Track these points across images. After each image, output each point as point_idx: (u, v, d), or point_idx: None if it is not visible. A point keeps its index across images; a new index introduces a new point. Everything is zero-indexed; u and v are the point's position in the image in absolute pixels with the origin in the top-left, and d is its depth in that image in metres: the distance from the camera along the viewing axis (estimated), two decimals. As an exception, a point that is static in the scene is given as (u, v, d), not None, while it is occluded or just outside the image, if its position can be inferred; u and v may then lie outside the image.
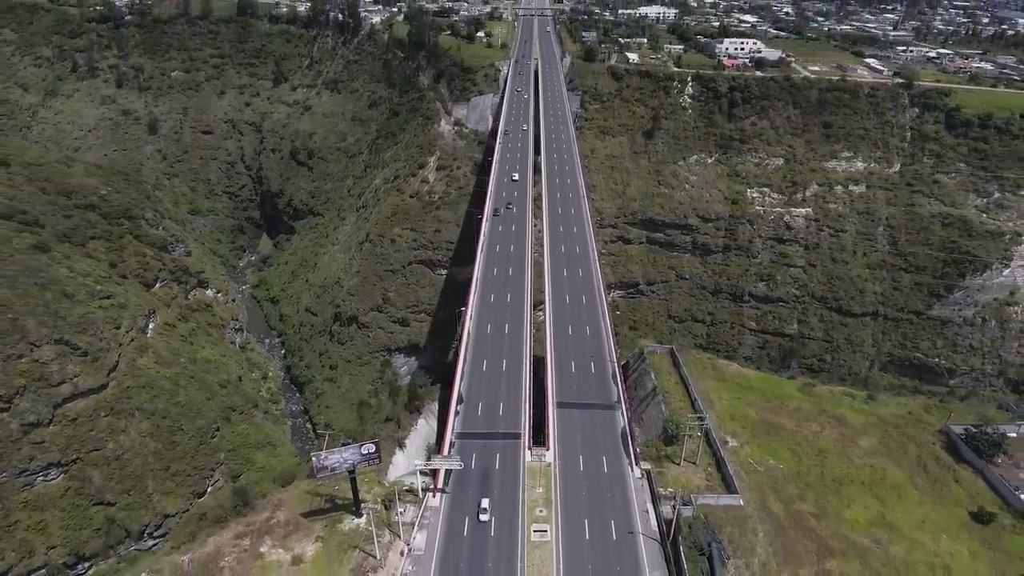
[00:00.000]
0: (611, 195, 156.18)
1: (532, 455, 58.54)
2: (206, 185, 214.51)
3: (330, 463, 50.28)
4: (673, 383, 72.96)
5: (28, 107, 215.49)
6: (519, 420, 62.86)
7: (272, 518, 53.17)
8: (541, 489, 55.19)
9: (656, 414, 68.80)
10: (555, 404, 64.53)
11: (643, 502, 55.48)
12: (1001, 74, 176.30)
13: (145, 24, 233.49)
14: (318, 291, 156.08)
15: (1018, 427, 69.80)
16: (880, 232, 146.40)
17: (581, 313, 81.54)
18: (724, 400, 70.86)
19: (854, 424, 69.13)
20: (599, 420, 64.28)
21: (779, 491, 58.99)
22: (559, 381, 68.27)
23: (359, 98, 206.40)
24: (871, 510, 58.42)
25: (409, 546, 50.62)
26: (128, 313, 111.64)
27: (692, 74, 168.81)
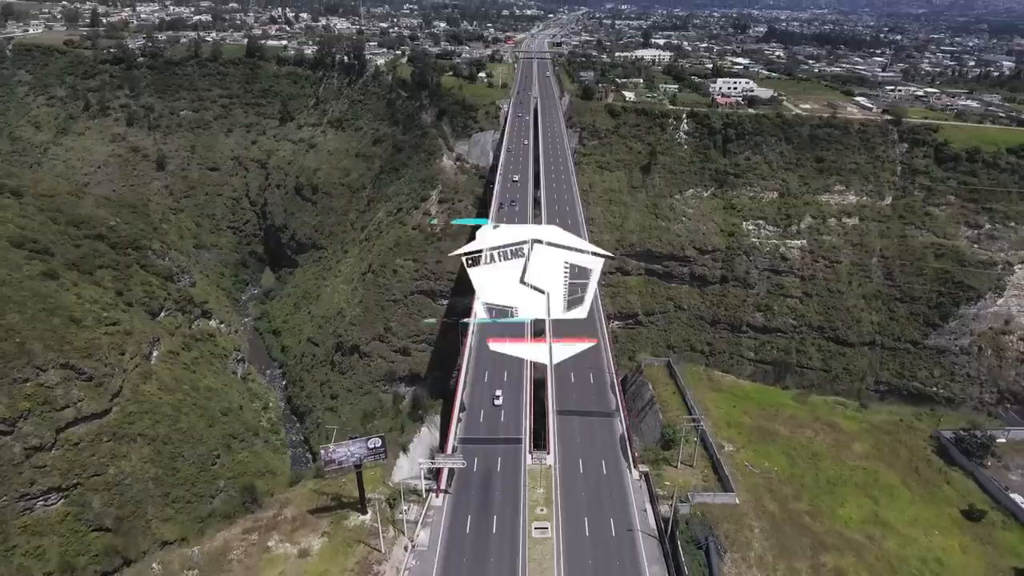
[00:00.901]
0: (609, 228, 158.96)
1: (533, 458, 60.94)
2: (211, 220, 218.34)
3: (338, 456, 52.20)
4: (670, 393, 74.67)
5: (40, 144, 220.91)
6: (520, 427, 64.99)
7: (279, 515, 54.57)
8: (542, 490, 57.09)
9: (654, 423, 70.29)
10: (555, 412, 66.26)
11: (641, 502, 57.25)
12: (987, 111, 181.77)
13: (157, 65, 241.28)
14: (320, 321, 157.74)
15: (1006, 433, 72.11)
16: (874, 263, 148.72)
17: (581, 329, 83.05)
18: (720, 408, 72.43)
19: (847, 430, 70.72)
20: (598, 427, 66.09)
21: (774, 491, 60.29)
22: (559, 391, 70.50)
23: (363, 136, 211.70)
24: (864, 509, 59.79)
25: (413, 542, 52.13)
26: (133, 340, 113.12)
27: (687, 111, 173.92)
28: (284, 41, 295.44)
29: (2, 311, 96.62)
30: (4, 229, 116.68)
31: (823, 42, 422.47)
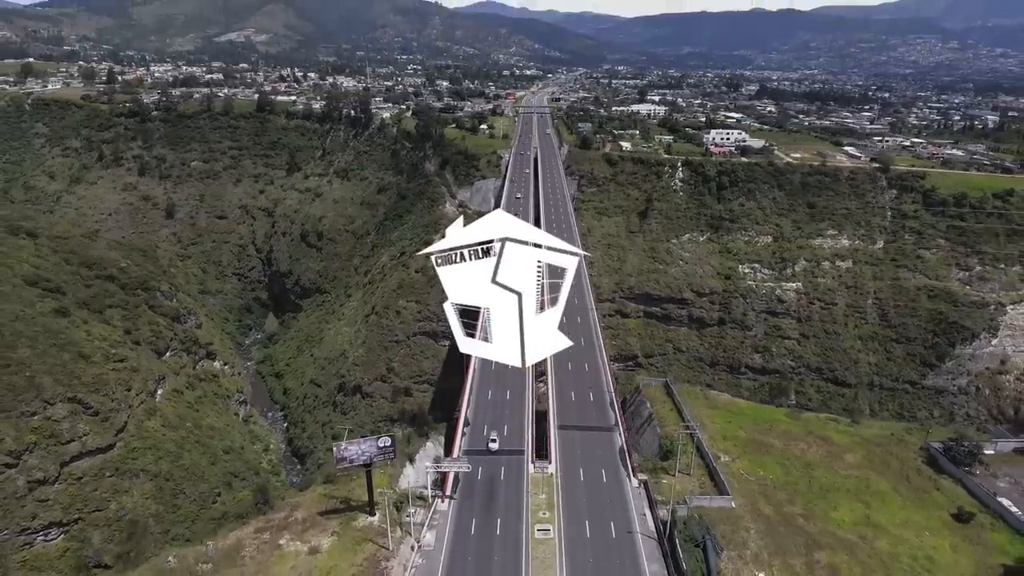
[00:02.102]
0: (608, 271, 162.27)
1: (535, 467, 62.46)
2: (217, 267, 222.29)
3: (349, 454, 53.68)
4: (668, 410, 76.69)
5: (53, 193, 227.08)
6: (522, 439, 66.85)
7: (290, 517, 55.97)
8: (544, 496, 58.59)
9: (652, 438, 72.03)
10: (556, 426, 68.06)
11: (641, 507, 58.85)
12: (972, 159, 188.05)
13: (170, 119, 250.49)
14: (323, 363, 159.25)
15: (994, 444, 74.28)
16: (869, 305, 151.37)
17: (580, 352, 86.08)
18: (716, 424, 74.16)
19: (839, 443, 72.45)
20: (598, 440, 68.05)
21: (769, 496, 61.69)
22: (560, 408, 72.53)
23: (368, 185, 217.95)
24: (857, 512, 61.21)
25: (419, 542, 53.27)
26: (139, 377, 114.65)
27: (682, 160, 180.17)
28: (293, 97, 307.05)
29: (15, 345, 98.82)
30: (19, 268, 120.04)
31: (813, 99, 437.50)
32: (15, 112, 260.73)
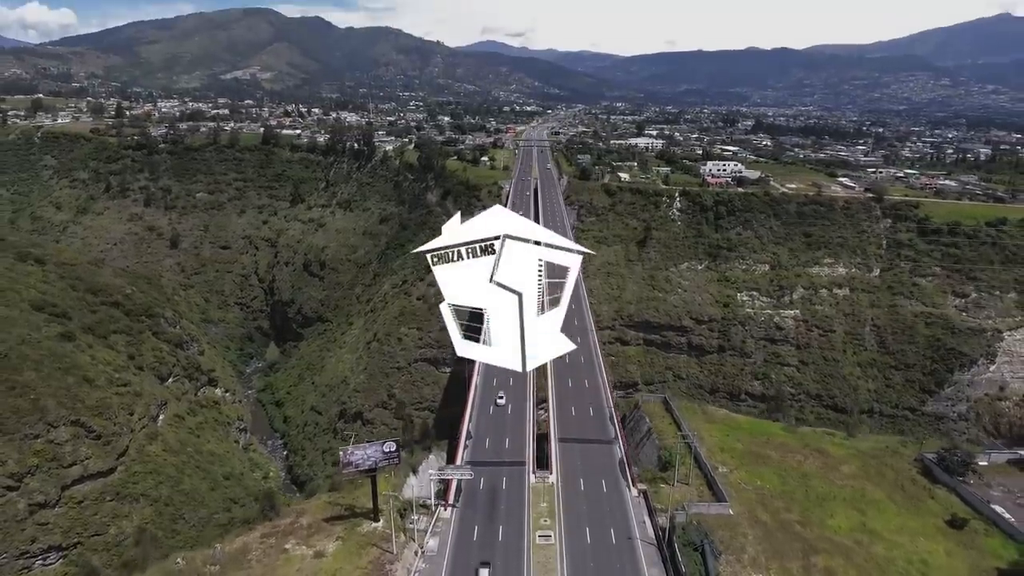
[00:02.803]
0: (608, 299, 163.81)
1: (536, 477, 63.15)
2: (219, 296, 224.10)
3: (355, 459, 54.34)
4: (666, 424, 77.87)
5: (59, 223, 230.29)
6: (524, 452, 67.66)
7: (296, 523, 56.80)
8: (545, 504, 59.49)
9: (651, 451, 72.99)
10: (557, 439, 68.98)
11: (640, 515, 59.78)
12: (964, 189, 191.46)
13: (177, 151, 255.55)
14: (324, 390, 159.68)
15: (988, 455, 75.40)
16: (867, 332, 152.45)
17: (580, 370, 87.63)
18: (714, 437, 75.23)
19: (835, 455, 73.53)
20: (598, 452, 69.28)
21: (766, 504, 62.42)
22: (560, 423, 73.67)
23: (371, 215, 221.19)
24: (852, 519, 62.13)
25: (423, 548, 53.82)
26: (142, 401, 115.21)
27: (679, 190, 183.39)
28: (298, 130, 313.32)
29: (20, 369, 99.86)
30: (27, 293, 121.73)
31: (808, 133, 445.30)
32: (24, 145, 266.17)
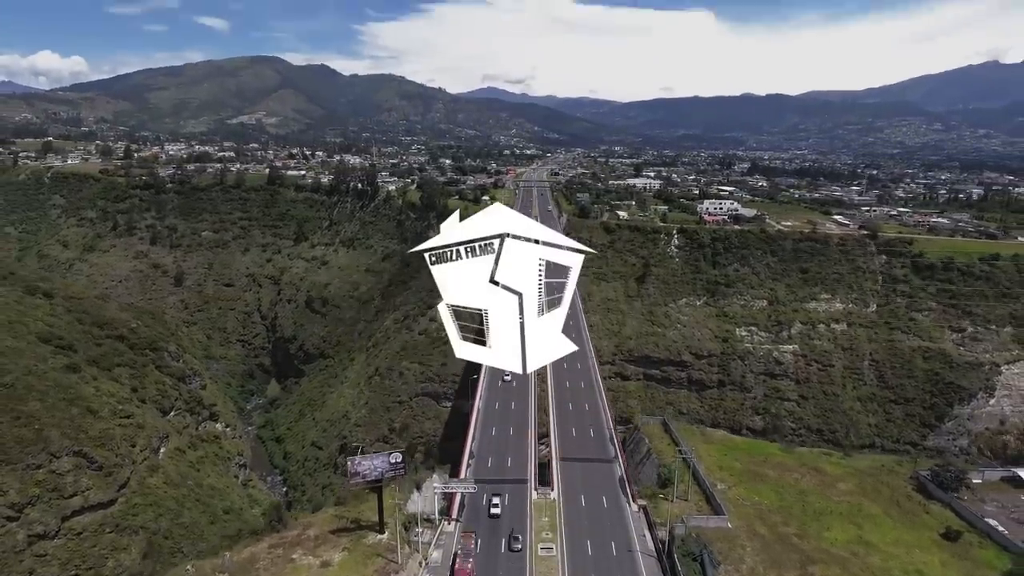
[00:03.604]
0: (608, 334, 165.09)
1: (538, 493, 63.78)
2: (222, 333, 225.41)
3: (362, 469, 54.94)
4: (665, 445, 78.80)
5: (65, 260, 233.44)
6: (526, 470, 68.23)
7: (303, 534, 57.39)
8: (547, 518, 60.23)
9: (651, 470, 73.70)
10: (559, 458, 69.68)
11: (640, 529, 60.51)
12: (957, 227, 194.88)
13: (184, 191, 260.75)
14: (325, 425, 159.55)
15: (982, 473, 76.41)
16: (866, 366, 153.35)
17: (580, 395, 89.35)
18: (712, 456, 75.95)
19: (832, 474, 74.45)
20: (598, 470, 70.12)
21: (764, 518, 62.81)
22: (561, 443, 74.50)
23: (373, 253, 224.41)
24: (849, 533, 62.62)
25: (427, 559, 54.13)
26: (144, 433, 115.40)
27: (677, 228, 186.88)
28: (303, 171, 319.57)
29: (26, 399, 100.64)
30: (34, 326, 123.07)
31: (804, 175, 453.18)
32: (34, 185, 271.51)
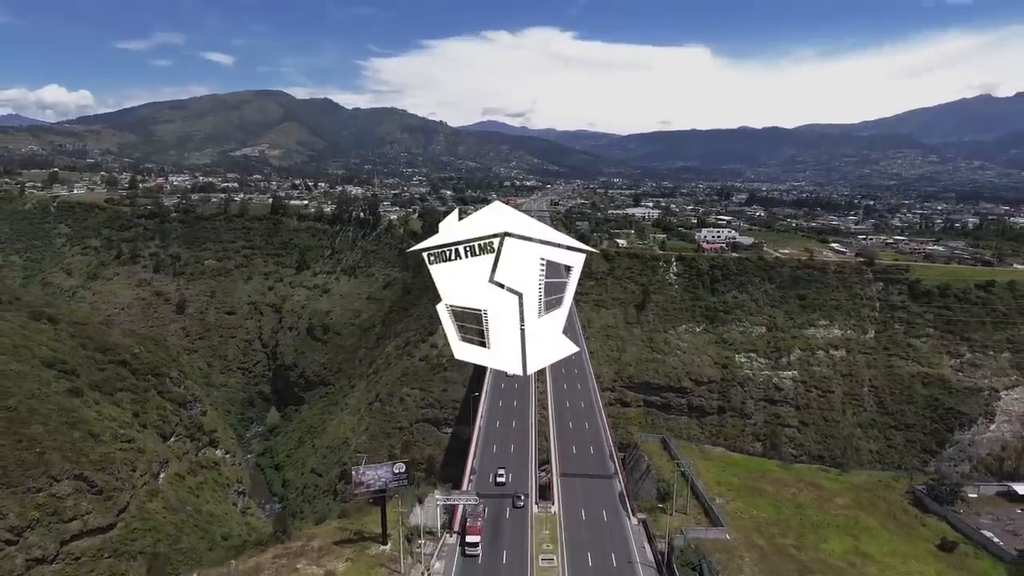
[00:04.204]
0: (608, 361, 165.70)
1: (539, 507, 64.42)
2: (223, 361, 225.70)
3: (366, 479, 55.57)
4: (664, 462, 79.58)
5: (69, 288, 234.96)
6: (526, 484, 68.49)
7: (307, 545, 58.11)
8: (547, 531, 61.08)
9: (650, 487, 74.17)
10: (559, 474, 70.26)
11: (640, 542, 61.34)
12: (953, 254, 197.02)
13: (188, 220, 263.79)
14: (324, 452, 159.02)
15: (977, 488, 77.20)
16: (866, 392, 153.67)
17: (580, 415, 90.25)
18: (711, 472, 76.57)
19: (829, 488, 75.15)
20: (598, 486, 71.16)
21: (762, 531, 63.21)
22: (562, 459, 75.63)
23: (374, 281, 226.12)
24: (846, 544, 63.21)
25: (429, 570, 54.78)
26: (144, 458, 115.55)
27: (675, 255, 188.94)
28: (305, 201, 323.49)
29: (29, 422, 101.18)
30: (39, 350, 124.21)
31: (801, 205, 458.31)
32: (40, 214, 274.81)
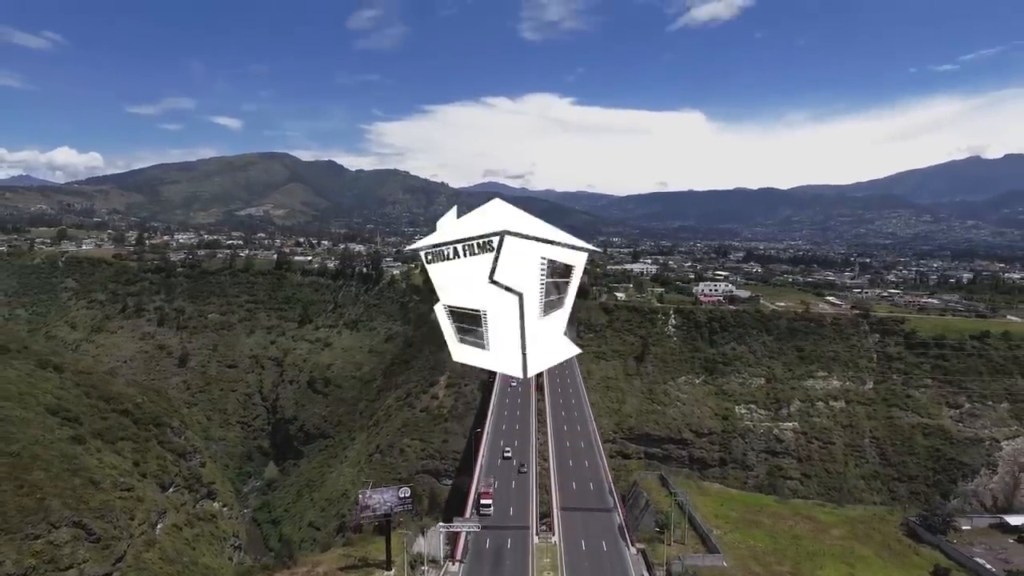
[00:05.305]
0: (608, 412, 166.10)
1: (539, 538, 64.44)
2: (222, 415, 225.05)
3: (372, 503, 56.08)
4: (663, 497, 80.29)
5: (72, 342, 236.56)
6: (527, 518, 69.19)
7: (312, 572, 59.27)
8: (548, 560, 61.98)
9: (649, 521, 74.14)
10: (559, 507, 70.85)
11: (639, 570, 61.57)
12: (947, 306, 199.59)
13: (193, 275, 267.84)
14: (323, 504, 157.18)
15: (971, 519, 77.48)
16: (867, 443, 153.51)
17: (580, 454, 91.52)
18: (709, 507, 76.87)
19: (825, 521, 75.09)
20: (598, 518, 72.27)
21: (759, 559, 63.62)
22: (562, 494, 76.15)
23: (376, 334, 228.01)
24: (841, 572, 64.59)
25: None
26: (143, 507, 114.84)
27: (674, 308, 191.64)
28: (309, 256, 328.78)
29: (31, 468, 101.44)
30: (43, 398, 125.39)
31: (798, 263, 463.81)
32: (48, 269, 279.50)
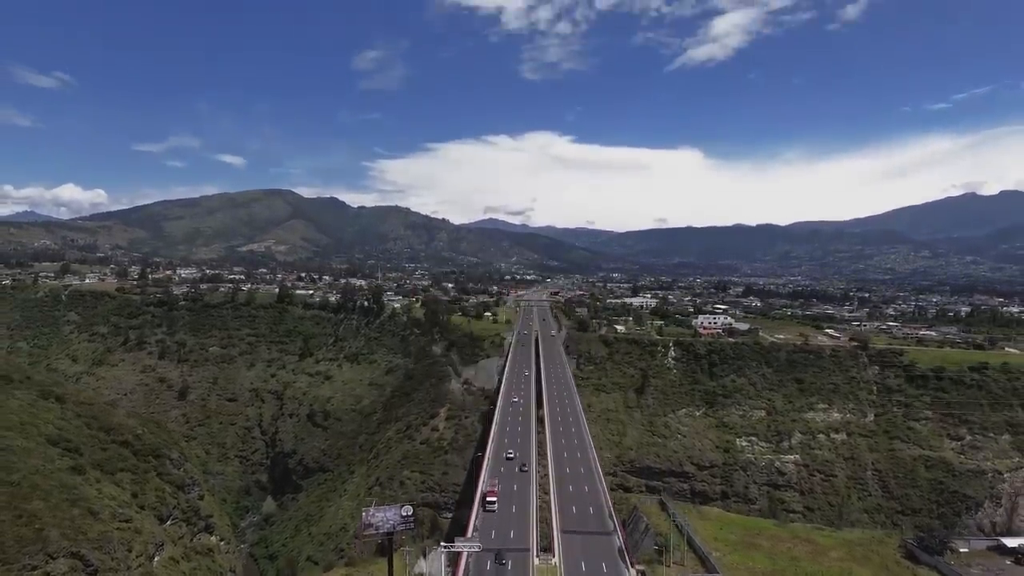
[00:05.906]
0: (608, 444, 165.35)
1: (539, 560, 64.25)
2: (221, 448, 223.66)
3: (376, 520, 56.06)
4: (663, 521, 79.83)
5: (73, 375, 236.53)
6: (528, 541, 69.17)
7: None
8: None
9: (649, 543, 73.46)
10: (559, 530, 70.70)
11: None
12: (945, 338, 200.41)
13: (195, 308, 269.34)
14: (322, 539, 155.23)
15: (968, 542, 76.88)
16: (869, 476, 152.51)
17: (580, 480, 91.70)
18: (708, 530, 76.22)
19: (823, 544, 74.24)
20: (598, 541, 72.33)
21: None
22: (562, 518, 76.10)
23: (376, 367, 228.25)
24: None
25: None
26: (141, 539, 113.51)
27: (673, 340, 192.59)
28: (311, 291, 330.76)
29: (30, 498, 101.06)
30: (45, 428, 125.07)
31: (797, 297, 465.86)
32: (51, 302, 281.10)
